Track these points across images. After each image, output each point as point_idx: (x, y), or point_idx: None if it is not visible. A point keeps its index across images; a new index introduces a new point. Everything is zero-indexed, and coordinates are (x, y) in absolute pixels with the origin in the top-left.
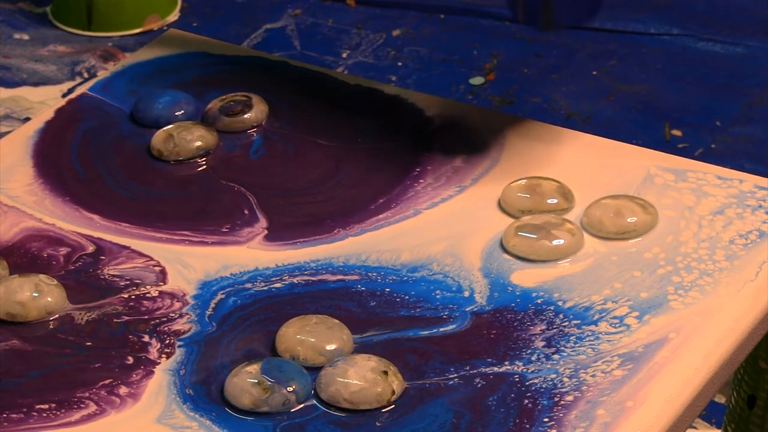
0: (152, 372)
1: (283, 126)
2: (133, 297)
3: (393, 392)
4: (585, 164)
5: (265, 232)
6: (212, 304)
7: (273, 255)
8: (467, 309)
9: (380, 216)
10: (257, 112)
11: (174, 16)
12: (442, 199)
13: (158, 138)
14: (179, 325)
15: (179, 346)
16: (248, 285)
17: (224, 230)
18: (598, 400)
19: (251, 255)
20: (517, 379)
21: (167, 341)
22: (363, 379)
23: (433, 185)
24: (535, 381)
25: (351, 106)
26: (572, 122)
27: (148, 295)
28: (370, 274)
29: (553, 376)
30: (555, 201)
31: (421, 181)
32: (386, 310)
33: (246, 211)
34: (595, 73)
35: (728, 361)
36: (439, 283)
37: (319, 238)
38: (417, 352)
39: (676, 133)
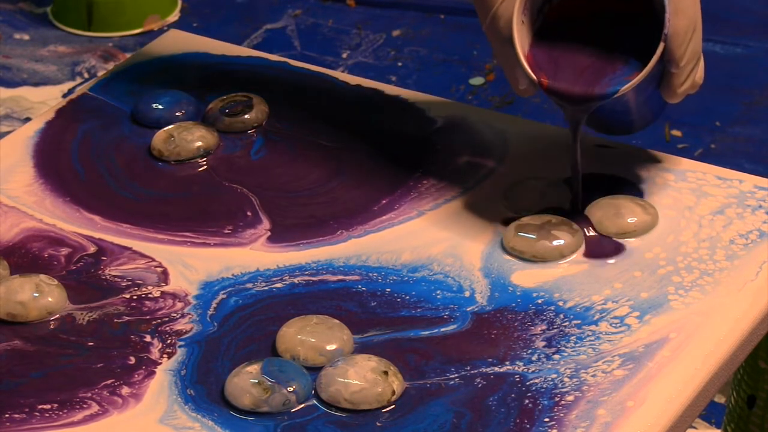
0: (154, 372)
1: (283, 126)
2: (134, 297)
3: (393, 392)
4: (585, 164)
5: (268, 233)
6: (214, 304)
7: (276, 257)
8: (468, 309)
9: (383, 217)
10: (258, 112)
11: (174, 16)
12: (445, 200)
13: (159, 138)
14: (181, 325)
15: (180, 346)
16: (249, 285)
17: (227, 232)
18: (599, 400)
19: (254, 257)
20: (517, 379)
21: (168, 341)
22: (363, 379)
23: (436, 186)
24: (536, 381)
25: (351, 107)
26: None
27: (150, 295)
28: (370, 274)
29: (554, 376)
30: (556, 202)
31: (424, 182)
32: (387, 310)
33: (249, 213)
34: None
35: (728, 361)
36: (440, 284)
37: (323, 240)
38: (417, 352)
39: (676, 133)
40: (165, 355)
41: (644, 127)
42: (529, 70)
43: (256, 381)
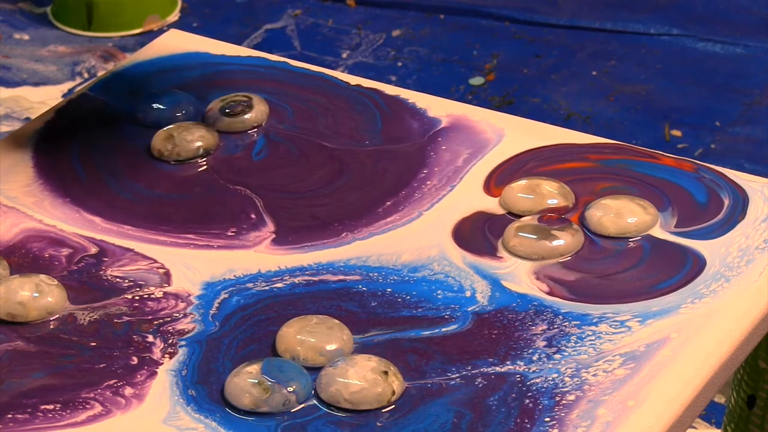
0: (156, 372)
1: (284, 127)
2: (136, 297)
3: (393, 392)
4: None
5: (273, 236)
6: (216, 304)
7: (281, 259)
8: (469, 309)
9: (388, 219)
10: (258, 112)
11: (174, 16)
12: (446, 200)
13: (158, 138)
14: (183, 325)
15: (181, 346)
16: (249, 285)
17: (230, 234)
18: (600, 399)
19: (259, 260)
20: (518, 379)
21: (170, 341)
22: (363, 379)
23: (437, 186)
24: (537, 380)
25: (352, 107)
26: (572, 122)
27: (152, 295)
28: (371, 274)
29: (555, 375)
30: (555, 201)
31: (427, 183)
32: (387, 310)
33: (252, 215)
34: (594, 73)
35: (728, 361)
36: (440, 283)
37: (327, 242)
38: (418, 353)
39: (676, 133)
40: (167, 355)
41: None
42: None
43: (256, 381)
